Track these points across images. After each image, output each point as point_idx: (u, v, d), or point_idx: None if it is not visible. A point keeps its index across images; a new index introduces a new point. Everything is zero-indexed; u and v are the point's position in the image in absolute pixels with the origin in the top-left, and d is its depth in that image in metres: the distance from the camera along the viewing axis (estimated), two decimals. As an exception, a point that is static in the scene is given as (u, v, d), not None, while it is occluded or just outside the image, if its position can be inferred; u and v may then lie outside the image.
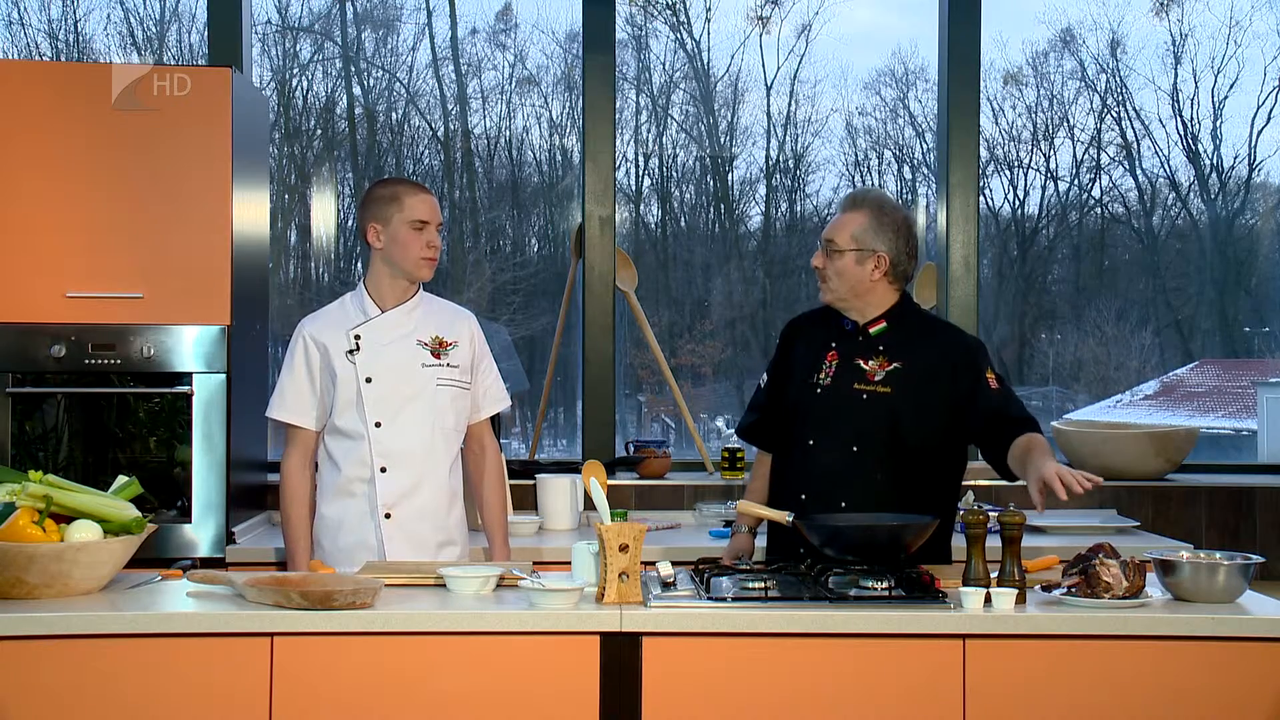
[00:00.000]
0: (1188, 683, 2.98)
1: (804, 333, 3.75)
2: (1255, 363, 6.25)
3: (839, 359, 3.61)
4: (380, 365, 3.70)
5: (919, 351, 3.58)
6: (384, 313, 3.74)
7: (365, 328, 3.72)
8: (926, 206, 5.96)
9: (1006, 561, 3.11)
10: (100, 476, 4.01)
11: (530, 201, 6.20)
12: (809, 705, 2.98)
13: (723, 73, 6.04)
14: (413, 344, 3.73)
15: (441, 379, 3.74)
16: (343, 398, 3.70)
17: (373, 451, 3.68)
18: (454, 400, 3.76)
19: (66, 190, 4.10)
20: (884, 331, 3.61)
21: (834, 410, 3.57)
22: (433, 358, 3.74)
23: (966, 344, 3.65)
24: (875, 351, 3.59)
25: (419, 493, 3.70)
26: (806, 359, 3.67)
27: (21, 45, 5.77)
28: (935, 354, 3.58)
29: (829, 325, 3.68)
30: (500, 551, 3.82)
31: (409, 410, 3.70)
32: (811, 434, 3.59)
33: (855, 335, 3.63)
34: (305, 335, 3.76)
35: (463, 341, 3.79)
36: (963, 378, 3.56)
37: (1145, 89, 6.06)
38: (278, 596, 2.99)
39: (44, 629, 2.92)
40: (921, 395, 3.55)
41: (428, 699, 2.96)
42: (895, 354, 3.57)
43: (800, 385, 3.64)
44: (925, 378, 3.56)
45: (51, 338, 4.10)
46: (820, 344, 3.66)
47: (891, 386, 3.55)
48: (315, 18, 6.01)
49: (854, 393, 3.56)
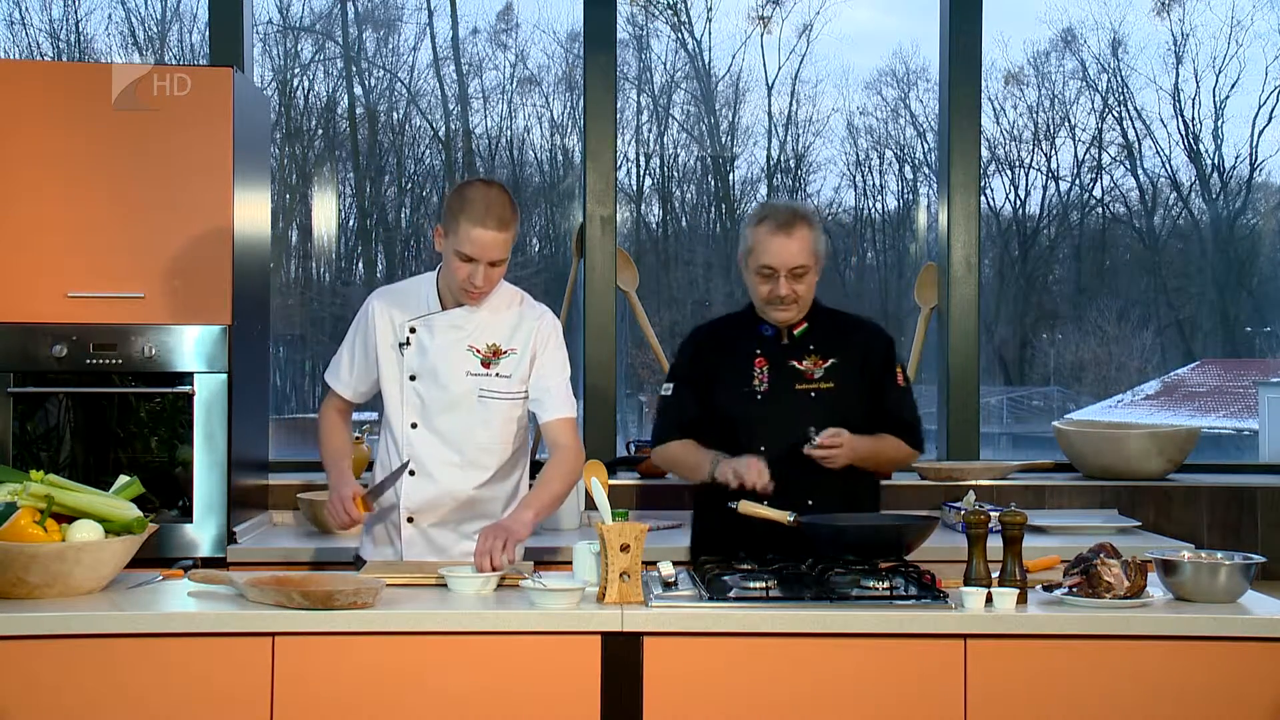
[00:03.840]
0: (1189, 683, 2.98)
1: (718, 342, 3.77)
2: (1256, 362, 6.25)
3: (769, 364, 3.68)
4: (424, 366, 3.57)
5: (845, 345, 3.71)
6: (444, 310, 3.58)
7: (421, 322, 3.58)
8: (928, 206, 5.96)
9: (1008, 561, 3.11)
10: (101, 476, 4.01)
11: (531, 201, 6.19)
12: (810, 705, 2.98)
13: (724, 73, 6.05)
14: (463, 349, 3.55)
15: (485, 390, 3.54)
16: (388, 387, 3.60)
17: (404, 452, 3.59)
18: (497, 414, 3.56)
19: (67, 190, 4.10)
20: (806, 331, 3.71)
21: (781, 413, 3.64)
22: (481, 367, 3.54)
23: (884, 338, 3.80)
24: (805, 351, 3.69)
25: (443, 502, 3.58)
26: (731, 369, 3.70)
27: (23, 45, 5.77)
28: (860, 346, 3.72)
29: (745, 334, 3.73)
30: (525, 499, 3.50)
31: (445, 418, 3.56)
32: (761, 440, 3.61)
33: (778, 339, 3.70)
34: (371, 309, 3.64)
35: (523, 349, 3.57)
36: (880, 371, 3.73)
37: (1146, 89, 6.06)
38: (279, 596, 2.99)
39: (45, 629, 2.92)
40: (857, 387, 3.69)
41: (429, 699, 2.96)
42: (825, 350, 3.69)
43: (736, 395, 3.67)
44: (856, 369, 3.70)
45: (53, 338, 4.10)
46: (743, 353, 3.70)
47: (833, 381, 3.67)
48: (316, 17, 6.01)
49: (799, 393, 3.65)
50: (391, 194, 6.17)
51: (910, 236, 6.18)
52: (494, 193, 3.44)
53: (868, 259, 6.45)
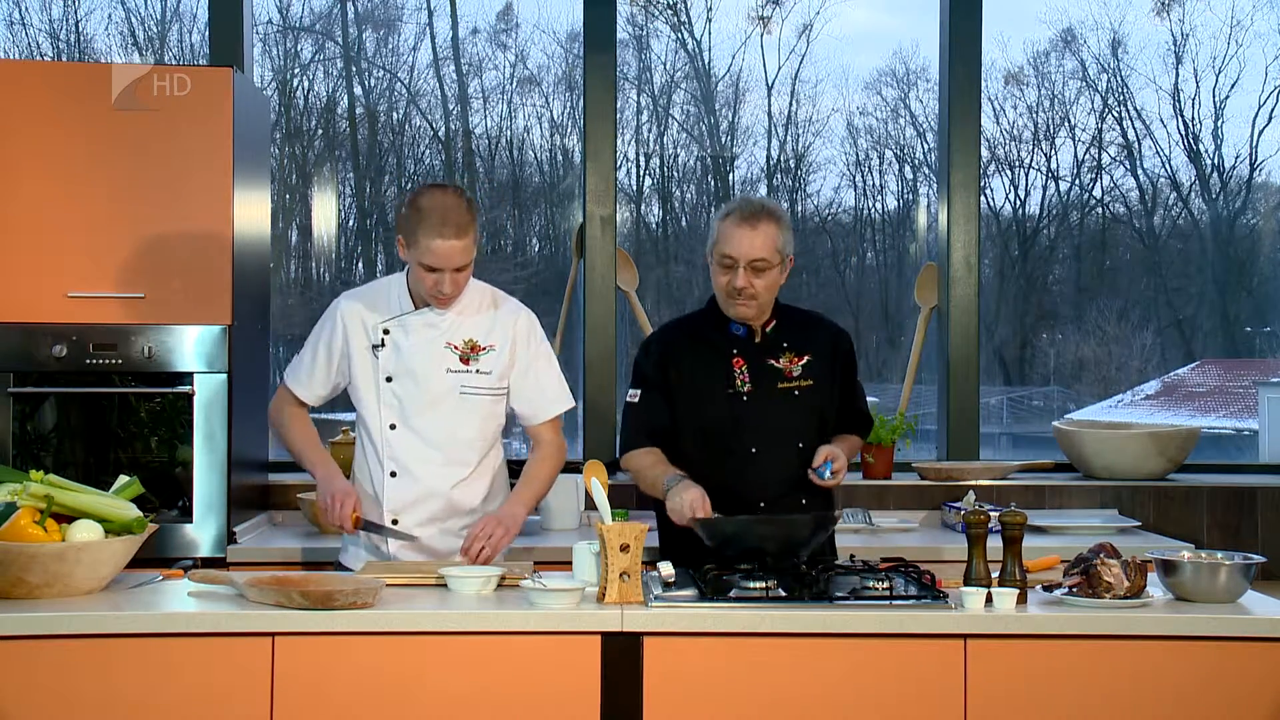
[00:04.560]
0: (1189, 683, 2.98)
1: (687, 344, 3.71)
2: (1256, 362, 6.25)
3: (748, 364, 3.66)
4: (402, 366, 3.54)
5: (816, 341, 3.72)
6: (417, 309, 3.56)
7: (395, 323, 3.56)
8: (928, 206, 5.96)
9: (1008, 561, 3.11)
10: (101, 476, 4.01)
11: (531, 201, 6.19)
12: (810, 705, 2.98)
13: (724, 73, 6.05)
14: (440, 347, 3.54)
15: (467, 387, 3.55)
16: (363, 391, 3.58)
17: (383, 454, 3.57)
18: (478, 410, 3.57)
19: (67, 190, 4.10)
20: (776, 329, 3.71)
21: (769, 413, 3.63)
22: (461, 364, 3.54)
23: (845, 334, 3.82)
24: (779, 349, 3.68)
25: (427, 502, 3.56)
26: (707, 372, 3.66)
27: (23, 45, 5.77)
28: (827, 342, 3.74)
29: (713, 335, 3.69)
30: (515, 493, 3.58)
31: (426, 417, 3.54)
32: (751, 441, 3.61)
33: (751, 339, 3.69)
34: (338, 314, 3.60)
35: (502, 345, 3.57)
36: (845, 366, 3.76)
37: (1146, 89, 6.06)
38: (279, 596, 2.99)
39: (45, 629, 2.92)
40: (830, 382, 3.71)
41: (428, 699, 2.96)
42: (798, 347, 3.70)
43: (717, 397, 3.64)
44: (828, 364, 3.71)
45: (53, 338, 4.10)
46: (718, 354, 3.67)
47: (811, 378, 3.68)
48: (316, 17, 6.01)
49: (783, 392, 3.65)
50: (391, 194, 6.17)
51: (910, 236, 6.18)
52: (449, 199, 3.39)
53: (867, 259, 6.45)
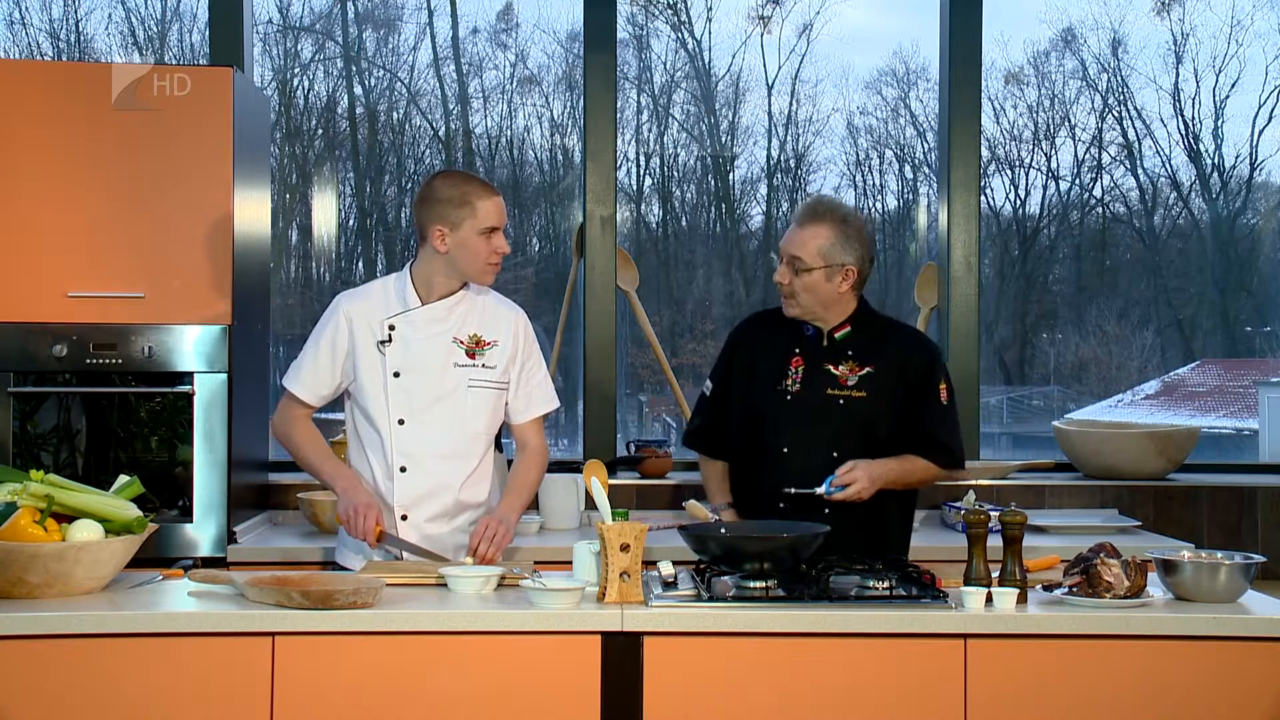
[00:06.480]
0: (1189, 682, 2.98)
1: (758, 338, 3.73)
2: (1256, 362, 6.24)
3: (805, 365, 3.63)
4: (410, 361, 3.57)
5: (885, 354, 3.61)
6: (424, 305, 3.60)
7: (401, 319, 3.58)
8: (928, 206, 5.96)
9: (1008, 561, 3.11)
10: (102, 476, 4.01)
11: (531, 201, 6.19)
12: (810, 705, 2.98)
13: (724, 72, 6.04)
14: (447, 341, 3.59)
15: (474, 380, 3.59)
16: (369, 388, 3.58)
17: (393, 449, 3.57)
18: (486, 403, 3.61)
19: (67, 190, 4.10)
20: (848, 336, 3.64)
21: (809, 416, 3.59)
22: (467, 358, 3.59)
23: (928, 351, 3.68)
24: (843, 356, 3.62)
25: (438, 497, 3.58)
26: (767, 365, 3.66)
27: (23, 45, 5.77)
28: (899, 357, 3.62)
29: (788, 331, 3.68)
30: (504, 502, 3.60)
31: (435, 411, 3.57)
32: (785, 441, 3.59)
33: (819, 341, 3.65)
34: (340, 313, 3.62)
35: (503, 340, 3.63)
36: (918, 385, 3.61)
37: (1146, 88, 6.06)
38: (279, 596, 2.99)
39: (45, 629, 2.92)
40: (891, 397, 3.59)
41: (428, 699, 2.96)
42: (863, 358, 3.61)
43: (766, 392, 3.63)
44: (893, 380, 3.60)
45: (53, 337, 4.10)
46: (781, 350, 3.66)
47: (866, 390, 3.59)
48: (316, 17, 6.01)
49: (829, 398, 3.59)
50: (391, 194, 6.17)
51: (910, 236, 6.18)
52: (467, 172, 3.73)
53: (868, 259, 6.44)
